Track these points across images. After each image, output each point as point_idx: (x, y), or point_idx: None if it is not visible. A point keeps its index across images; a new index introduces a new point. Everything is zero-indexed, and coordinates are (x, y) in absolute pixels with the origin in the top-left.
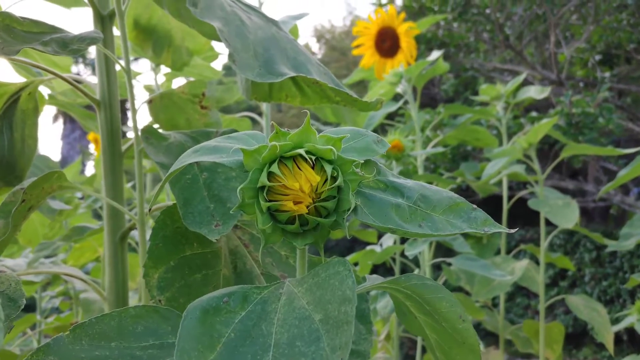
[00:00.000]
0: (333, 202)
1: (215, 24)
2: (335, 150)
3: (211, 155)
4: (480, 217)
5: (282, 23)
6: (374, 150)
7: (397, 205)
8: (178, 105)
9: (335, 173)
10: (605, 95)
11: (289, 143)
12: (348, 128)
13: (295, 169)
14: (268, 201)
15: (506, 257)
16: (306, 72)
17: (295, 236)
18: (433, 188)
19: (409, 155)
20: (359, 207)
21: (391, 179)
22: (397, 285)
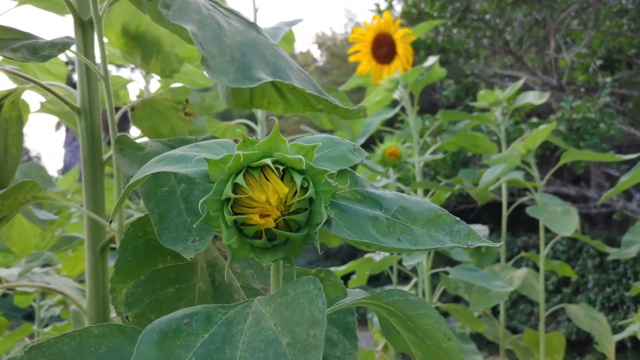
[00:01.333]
0: (304, 214)
1: (188, 27)
2: (305, 160)
3: (174, 165)
4: (463, 230)
5: (277, 29)
6: (349, 159)
7: (374, 218)
8: (161, 112)
9: (306, 184)
10: (606, 101)
11: (256, 152)
12: (322, 136)
13: (263, 180)
14: (234, 214)
15: (505, 266)
16: (285, 78)
17: (264, 251)
18: (414, 199)
19: (406, 162)
20: (334, 219)
21: (369, 189)
22: (378, 301)
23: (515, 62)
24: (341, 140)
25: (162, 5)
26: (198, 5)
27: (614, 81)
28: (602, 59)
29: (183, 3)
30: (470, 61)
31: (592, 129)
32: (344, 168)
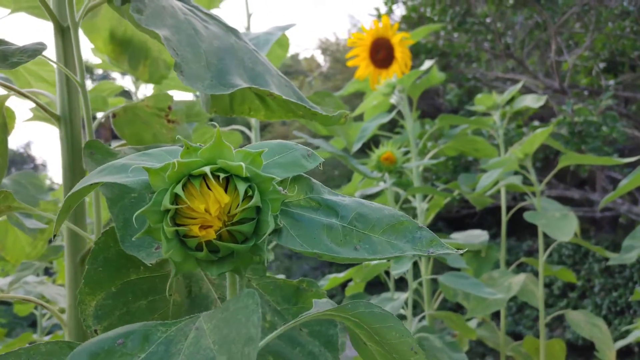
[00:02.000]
0: (250, 224)
1: (162, 32)
2: (249, 167)
3: (115, 175)
4: (426, 237)
5: (269, 34)
6: (302, 165)
7: (329, 226)
8: (143, 119)
9: (251, 192)
10: (608, 103)
11: (198, 160)
12: (275, 142)
13: (204, 189)
14: (176, 225)
15: (504, 272)
16: (263, 83)
17: (210, 264)
18: (374, 206)
19: (401, 167)
20: (285, 229)
21: (326, 197)
22: (344, 313)
23: (516, 66)
24: (294, 146)
25: (134, 10)
26: (174, 9)
27: (617, 83)
28: (605, 61)
29: (157, 8)
30: (471, 65)
31: (595, 132)
32: (299, 174)
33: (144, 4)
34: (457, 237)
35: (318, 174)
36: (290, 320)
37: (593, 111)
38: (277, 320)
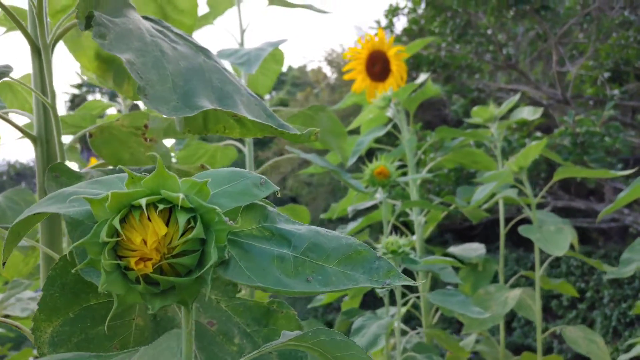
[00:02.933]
0: (192, 257)
1: (125, 56)
2: (193, 197)
3: (59, 205)
4: (383, 267)
5: (260, 50)
6: (253, 194)
7: (280, 257)
8: (119, 138)
9: (193, 223)
10: (611, 114)
11: (140, 190)
12: (227, 170)
13: (145, 221)
14: (118, 257)
15: (500, 286)
16: (231, 103)
17: (154, 296)
18: (330, 235)
19: (395, 180)
20: (233, 260)
21: (280, 226)
22: (305, 342)
23: (519, 77)
24: (246, 175)
25: (96, 36)
26: (142, 31)
27: (623, 93)
28: (609, 71)
29: (122, 31)
30: (474, 76)
31: (597, 142)
32: (253, 203)
33: (108, 28)
34: (454, 250)
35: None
36: (261, 343)
37: (596, 122)
38: (246, 344)
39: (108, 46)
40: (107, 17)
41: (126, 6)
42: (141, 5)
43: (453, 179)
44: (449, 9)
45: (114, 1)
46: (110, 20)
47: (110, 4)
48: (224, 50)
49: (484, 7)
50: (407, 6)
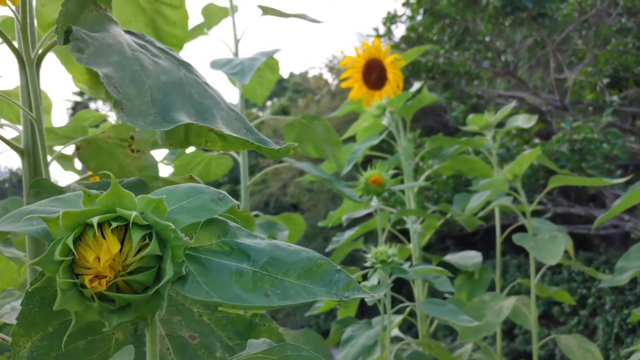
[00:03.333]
0: (148, 273)
1: (102, 70)
2: (148, 214)
3: (17, 224)
4: (342, 280)
5: (253, 59)
6: (211, 209)
7: (238, 272)
8: (106, 150)
9: (148, 240)
10: (609, 120)
11: (95, 208)
12: (185, 186)
13: (99, 239)
14: (74, 275)
15: (495, 295)
16: (210, 117)
17: (111, 313)
18: (290, 249)
19: (390, 189)
20: (191, 275)
21: (239, 240)
22: (271, 356)
23: (518, 83)
24: (204, 190)
25: (74, 50)
26: (122, 45)
27: (622, 99)
28: (608, 77)
29: (101, 46)
30: (473, 83)
31: (595, 149)
32: (213, 218)
33: (86, 43)
34: (451, 258)
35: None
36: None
37: (594, 128)
38: (228, 357)
39: (85, 60)
40: (85, 32)
41: (107, 21)
42: (131, 17)
43: (451, 186)
44: (446, 16)
45: (94, 16)
46: (89, 35)
47: (90, 19)
48: (217, 60)
49: (482, 15)
50: (406, 14)
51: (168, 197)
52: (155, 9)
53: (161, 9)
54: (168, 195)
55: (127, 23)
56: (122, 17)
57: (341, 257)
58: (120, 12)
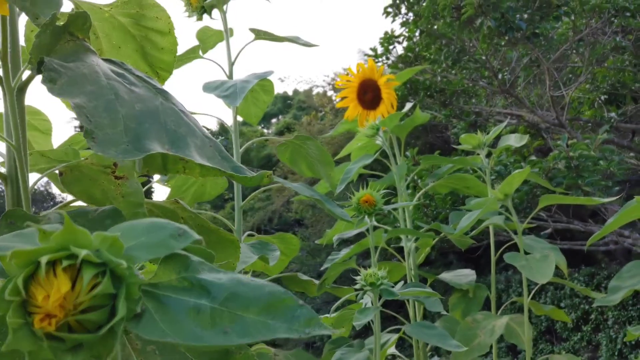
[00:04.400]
0: (101, 312)
1: (74, 100)
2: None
3: None
4: (304, 315)
5: (245, 82)
6: (170, 245)
7: (196, 309)
8: (89, 176)
9: (102, 278)
10: (605, 137)
11: (48, 246)
12: (145, 221)
13: (51, 277)
14: (28, 314)
15: (488, 314)
16: (183, 146)
17: (65, 353)
18: (252, 283)
19: (381, 208)
20: (148, 313)
21: (200, 275)
22: None
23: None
24: (165, 225)
25: (46, 80)
26: (97, 75)
27: (620, 115)
28: (606, 93)
29: (75, 76)
30: (471, 100)
31: (592, 166)
32: (174, 253)
33: (59, 73)
34: (446, 276)
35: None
36: None
37: (590, 145)
38: None
39: (57, 91)
40: (59, 62)
41: (84, 51)
42: (120, 43)
43: (449, 203)
44: (443, 36)
45: (70, 46)
46: (62, 65)
47: (66, 50)
48: (209, 83)
49: (477, 35)
50: (403, 34)
51: (128, 233)
52: (143, 35)
53: (150, 35)
54: (128, 231)
55: (116, 49)
56: (110, 44)
57: (334, 276)
58: (109, 39)
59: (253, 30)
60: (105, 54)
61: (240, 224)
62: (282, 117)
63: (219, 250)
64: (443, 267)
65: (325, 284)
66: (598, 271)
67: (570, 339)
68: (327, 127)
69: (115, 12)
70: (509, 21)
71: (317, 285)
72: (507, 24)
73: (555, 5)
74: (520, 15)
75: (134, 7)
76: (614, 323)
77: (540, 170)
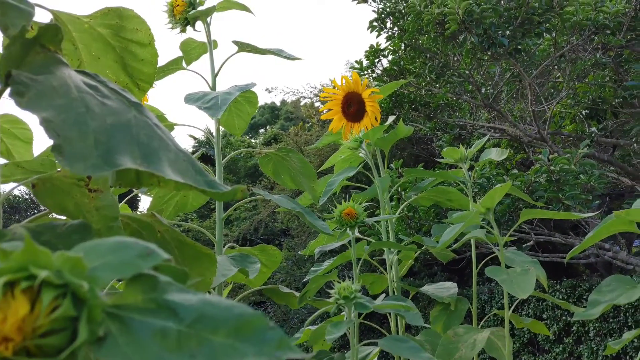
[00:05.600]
0: (61, 335)
1: (42, 114)
2: (62, 273)
3: None
4: (274, 338)
5: (228, 93)
6: (136, 265)
7: (163, 331)
8: (63, 189)
9: (61, 301)
10: (586, 152)
11: (8, 266)
12: (111, 240)
13: (9, 299)
14: None
15: (469, 327)
16: (156, 160)
17: None
18: (222, 305)
19: (363, 221)
20: (111, 336)
21: (168, 297)
22: None
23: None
24: (131, 245)
25: (14, 94)
26: (68, 87)
27: (601, 130)
28: (587, 108)
29: (45, 89)
30: (455, 114)
31: (572, 180)
32: (142, 273)
33: (27, 86)
34: (428, 289)
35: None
36: None
37: (571, 159)
38: None
39: (25, 104)
40: (27, 75)
41: (55, 63)
42: (100, 54)
43: (433, 215)
44: (427, 50)
45: (41, 58)
46: (31, 78)
47: (36, 62)
48: (191, 94)
49: (460, 50)
50: (388, 48)
51: (92, 253)
52: (123, 46)
53: (129, 46)
54: (92, 251)
55: (95, 60)
56: (90, 54)
57: (315, 289)
58: (89, 49)
59: (236, 43)
60: (85, 64)
61: (221, 236)
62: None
63: (196, 265)
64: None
65: (307, 296)
66: (580, 283)
67: (552, 351)
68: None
69: (95, 23)
70: (491, 37)
71: (298, 298)
72: (490, 40)
73: (537, 22)
74: (502, 31)
75: (113, 19)
76: (596, 335)
77: (522, 184)
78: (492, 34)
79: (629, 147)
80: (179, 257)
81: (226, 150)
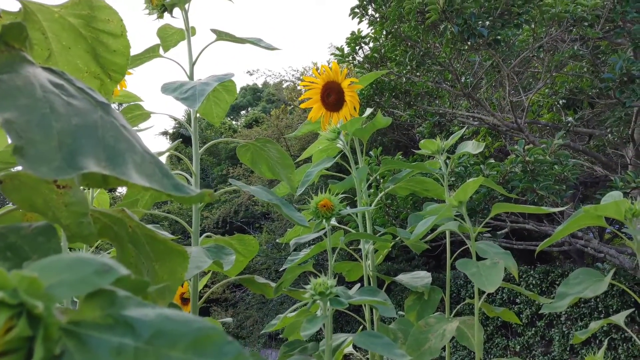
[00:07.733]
0: (17, 356)
1: (5, 115)
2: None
3: None
4: (232, 352)
5: (205, 84)
6: (93, 283)
7: (119, 348)
8: (30, 185)
9: (16, 321)
10: (560, 142)
11: None
12: (69, 257)
13: None
14: None
15: (440, 317)
16: (121, 162)
17: None
18: (181, 319)
19: (339, 212)
20: (68, 354)
21: (126, 312)
22: None
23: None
24: (89, 262)
25: None
26: (32, 87)
27: (577, 119)
28: (564, 98)
29: (8, 89)
30: (435, 102)
31: (547, 170)
32: (100, 289)
33: None
34: (402, 278)
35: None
36: None
37: (546, 150)
38: None
39: None
40: None
41: (20, 61)
42: (71, 43)
43: (411, 203)
44: (408, 39)
45: (5, 57)
46: None
47: (0, 61)
48: (168, 84)
49: (441, 39)
50: (370, 35)
51: (49, 270)
52: (95, 37)
53: (101, 37)
54: (50, 268)
55: (66, 49)
56: (60, 44)
57: (291, 279)
58: (59, 39)
59: (215, 31)
60: (55, 54)
61: (198, 225)
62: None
63: (167, 260)
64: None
65: (283, 287)
66: (553, 269)
67: (524, 334)
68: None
69: (65, 12)
70: (471, 27)
71: (274, 288)
72: (470, 30)
73: (516, 13)
74: (482, 22)
75: (84, 9)
76: (567, 319)
77: (497, 174)
78: (472, 24)
79: (604, 137)
80: (150, 252)
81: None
